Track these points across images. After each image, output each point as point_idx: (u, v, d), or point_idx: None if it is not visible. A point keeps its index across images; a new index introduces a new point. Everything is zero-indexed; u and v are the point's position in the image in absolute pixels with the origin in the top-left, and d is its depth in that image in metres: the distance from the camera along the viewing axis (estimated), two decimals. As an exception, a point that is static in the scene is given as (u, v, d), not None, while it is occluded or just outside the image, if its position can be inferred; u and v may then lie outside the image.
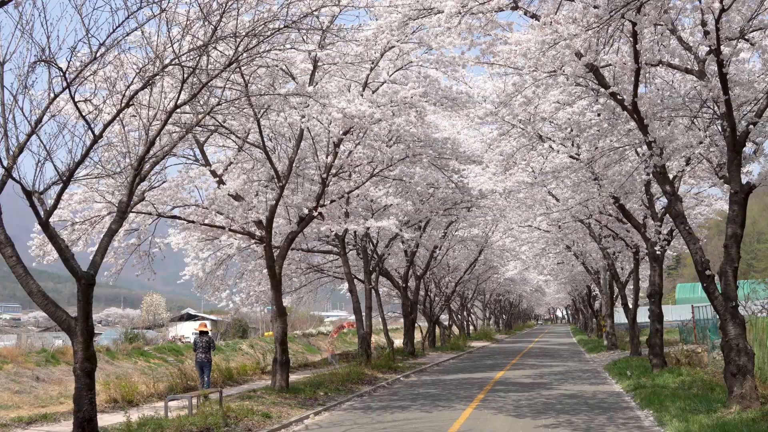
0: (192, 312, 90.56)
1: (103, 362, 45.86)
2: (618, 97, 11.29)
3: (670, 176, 18.78)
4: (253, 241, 15.43)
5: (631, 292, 27.71)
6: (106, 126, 8.94)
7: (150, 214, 13.52)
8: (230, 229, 14.22)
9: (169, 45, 9.07)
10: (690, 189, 23.07)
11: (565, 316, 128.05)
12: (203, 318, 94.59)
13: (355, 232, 23.20)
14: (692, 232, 11.42)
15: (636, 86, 11.07)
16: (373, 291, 25.39)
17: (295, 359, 26.36)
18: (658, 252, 17.82)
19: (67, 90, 8.66)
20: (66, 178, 8.82)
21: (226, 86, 11.82)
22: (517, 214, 25.08)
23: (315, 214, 15.11)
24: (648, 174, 17.54)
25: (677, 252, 31.29)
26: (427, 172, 20.63)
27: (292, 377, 20.55)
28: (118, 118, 10.14)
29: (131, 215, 14.03)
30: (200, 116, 10.70)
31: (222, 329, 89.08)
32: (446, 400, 14.89)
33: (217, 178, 15.17)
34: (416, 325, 35.40)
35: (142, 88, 9.03)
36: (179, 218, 14.07)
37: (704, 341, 29.35)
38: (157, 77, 9.74)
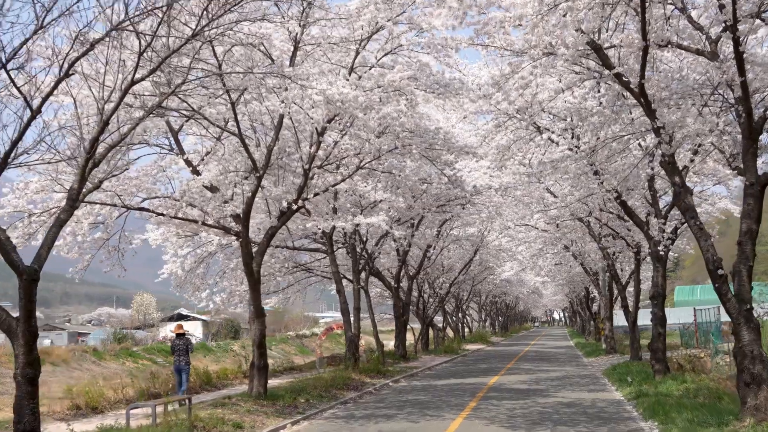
0: (184, 312, 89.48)
1: (90, 363, 44.76)
2: (623, 78, 10.30)
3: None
4: (229, 236, 14.38)
5: (631, 294, 26.73)
6: (44, 100, 7.89)
7: (114, 205, 12.47)
8: (204, 223, 13.18)
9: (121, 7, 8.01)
10: (693, 187, 22.04)
11: (563, 319, 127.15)
12: (195, 318, 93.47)
13: (343, 229, 22.18)
14: (703, 227, 10.42)
15: (643, 66, 10.06)
16: (362, 291, 24.36)
17: (282, 362, 25.29)
18: (661, 251, 16.80)
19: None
20: (1, 161, 7.78)
21: (194, 63, 10.80)
22: (513, 212, 24.07)
23: (295, 207, 14.06)
24: (652, 169, 16.59)
25: (677, 253, 30.27)
26: (418, 165, 19.62)
27: (275, 382, 19.51)
28: (70, 97, 9.12)
29: (95, 207, 12.98)
30: (163, 96, 9.66)
31: (213, 330, 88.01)
32: (435, 409, 13.86)
33: (192, 168, 14.12)
34: (409, 327, 34.38)
35: (83, 55, 8.00)
36: (147, 210, 13.02)
37: (706, 345, 28.38)
38: (112, 49, 8.72)
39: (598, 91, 12.67)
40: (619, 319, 35.07)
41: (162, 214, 12.94)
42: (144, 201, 14.01)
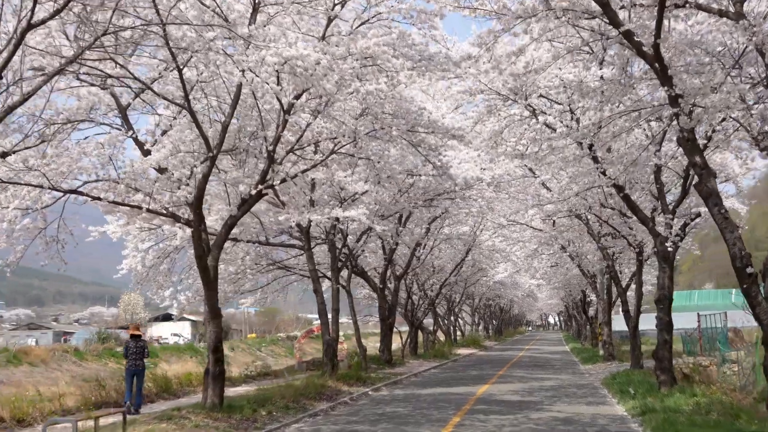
0: (173, 312, 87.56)
1: (70, 363, 42.84)
2: (635, 39, 8.63)
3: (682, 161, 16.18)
4: (178, 225, 12.66)
5: (631, 298, 25.10)
6: None
7: (41, 187, 10.74)
8: (148, 210, 11.45)
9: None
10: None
11: (558, 323, 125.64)
12: (184, 319, 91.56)
13: (321, 224, 20.47)
14: (729, 217, 8.75)
15: (659, 23, 8.41)
16: (344, 291, 22.66)
17: (257, 366, 23.56)
18: (670, 248, 15.15)
19: None
20: None
21: (132, 20, 9.12)
22: (507, 207, 22.38)
23: (254, 191, 12.34)
24: (659, 157, 14.92)
25: (678, 255, 28.61)
26: (401, 154, 17.93)
27: (242, 389, 17.79)
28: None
29: (22, 189, 11.22)
30: (80, 50, 7.95)
31: (202, 330, 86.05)
32: (414, 425, 12.15)
33: (142, 150, 12.39)
34: (396, 330, 32.67)
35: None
36: (80, 194, 11.28)
37: (711, 353, 26.74)
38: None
39: (601, 63, 11.01)
40: (617, 323, 33.41)
41: (98, 198, 11.21)
42: (84, 185, 12.27)
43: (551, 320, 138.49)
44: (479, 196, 21.26)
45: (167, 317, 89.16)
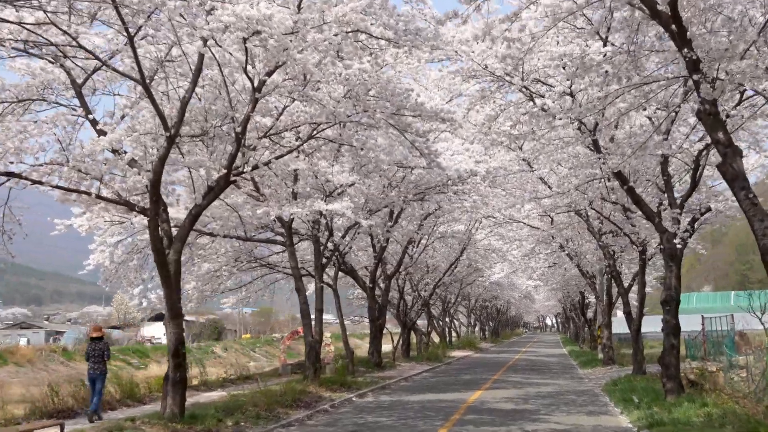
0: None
1: (57, 363, 41.62)
2: (648, -5, 7.41)
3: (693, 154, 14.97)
4: (133, 213, 11.42)
5: (633, 299, 23.91)
6: None
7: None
8: (98, 196, 10.22)
9: None
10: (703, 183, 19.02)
11: (555, 325, 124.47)
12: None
13: (305, 218, 19.24)
14: (758, 202, 7.50)
15: (678, -23, 7.20)
16: (330, 290, 21.42)
17: (236, 369, 22.27)
18: (678, 245, 13.93)
19: None
20: None
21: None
22: (502, 201, 21.12)
23: (218, 174, 11.08)
24: (668, 148, 13.69)
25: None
26: (390, 143, 16.70)
27: (214, 395, 16.53)
28: None
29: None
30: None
31: (197, 331, 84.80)
32: (395, 437, 10.92)
33: (99, 131, 11.14)
34: (387, 331, 31.44)
35: None
36: (17, 176, 10.01)
37: (716, 358, 25.52)
38: None
39: (607, 32, 9.77)
40: (616, 326, 32.17)
41: (39, 182, 9.96)
42: (33, 168, 11.00)
43: (548, 322, 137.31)
44: (473, 191, 20.00)
45: (161, 317, 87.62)
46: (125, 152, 11.17)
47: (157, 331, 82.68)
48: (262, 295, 25.34)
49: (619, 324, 36.58)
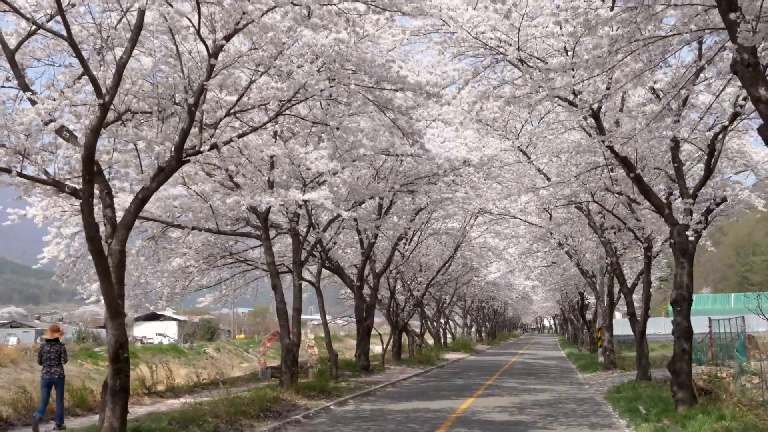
0: (161, 311, 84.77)
1: (42, 364, 40.11)
2: None
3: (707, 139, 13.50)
4: (62, 195, 9.93)
5: (637, 300, 22.44)
6: None
7: None
8: (20, 174, 8.74)
9: None
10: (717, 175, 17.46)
11: (553, 326, 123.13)
12: (170, 318, 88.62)
13: (284, 209, 17.77)
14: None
15: None
16: (311, 288, 19.93)
17: (211, 372, 20.74)
18: (692, 238, 12.47)
19: None
20: None
21: None
22: (496, 193, 19.64)
23: (169, 154, 9.59)
24: (678, 132, 12.25)
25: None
26: (373, 126, 15.24)
27: (176, 402, 15.02)
28: None
29: None
30: None
31: (190, 331, 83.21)
32: (369, 457, 9.43)
33: (30, 99, 9.65)
34: (376, 332, 29.98)
35: None
36: None
37: (724, 362, 24.07)
38: None
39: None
40: (616, 328, 30.64)
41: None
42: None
43: (546, 323, 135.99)
44: (466, 182, 18.51)
45: (153, 317, 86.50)
46: (65, 128, 9.71)
47: (150, 331, 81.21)
48: (244, 293, 23.81)
49: (618, 326, 35.08)
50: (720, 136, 12.67)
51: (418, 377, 24.70)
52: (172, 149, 10.11)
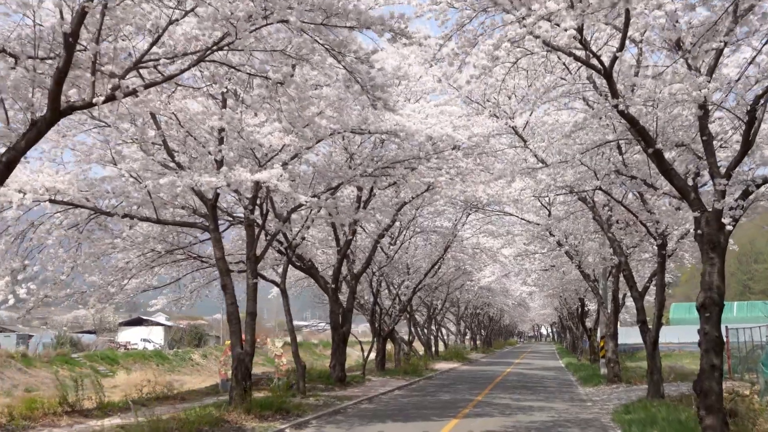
0: (146, 316, 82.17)
1: (15, 370, 37.33)
2: None
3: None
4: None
5: (648, 305, 19.88)
6: None
7: None
8: None
9: None
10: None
11: (550, 334, 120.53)
12: (156, 324, 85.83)
13: (239, 196, 15.25)
14: None
15: None
16: (274, 289, 17.32)
17: (156, 386, 18.08)
18: (729, 226, 9.95)
19: None
20: None
21: None
22: (486, 177, 17.08)
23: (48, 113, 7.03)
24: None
25: (678, 262, 23.38)
26: (338, 94, 12.72)
27: (96, 425, 12.40)
28: None
29: None
30: None
31: (177, 336, 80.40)
32: None
33: None
34: (357, 340, 27.42)
35: None
36: None
37: (742, 376, 21.56)
38: None
39: None
40: (621, 336, 28.10)
41: None
42: None
43: (544, 331, 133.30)
44: (452, 167, 15.96)
45: (138, 321, 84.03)
46: None
47: (134, 337, 78.46)
48: (206, 295, 21.23)
49: (624, 335, 32.57)
50: (763, 100, 10.15)
51: (401, 390, 22.08)
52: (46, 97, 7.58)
